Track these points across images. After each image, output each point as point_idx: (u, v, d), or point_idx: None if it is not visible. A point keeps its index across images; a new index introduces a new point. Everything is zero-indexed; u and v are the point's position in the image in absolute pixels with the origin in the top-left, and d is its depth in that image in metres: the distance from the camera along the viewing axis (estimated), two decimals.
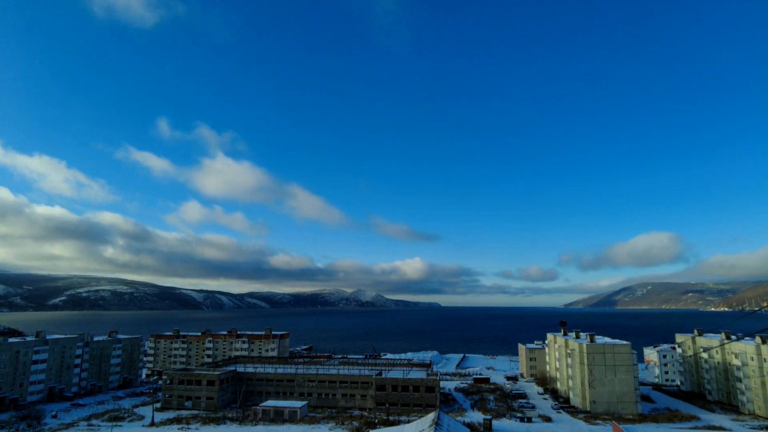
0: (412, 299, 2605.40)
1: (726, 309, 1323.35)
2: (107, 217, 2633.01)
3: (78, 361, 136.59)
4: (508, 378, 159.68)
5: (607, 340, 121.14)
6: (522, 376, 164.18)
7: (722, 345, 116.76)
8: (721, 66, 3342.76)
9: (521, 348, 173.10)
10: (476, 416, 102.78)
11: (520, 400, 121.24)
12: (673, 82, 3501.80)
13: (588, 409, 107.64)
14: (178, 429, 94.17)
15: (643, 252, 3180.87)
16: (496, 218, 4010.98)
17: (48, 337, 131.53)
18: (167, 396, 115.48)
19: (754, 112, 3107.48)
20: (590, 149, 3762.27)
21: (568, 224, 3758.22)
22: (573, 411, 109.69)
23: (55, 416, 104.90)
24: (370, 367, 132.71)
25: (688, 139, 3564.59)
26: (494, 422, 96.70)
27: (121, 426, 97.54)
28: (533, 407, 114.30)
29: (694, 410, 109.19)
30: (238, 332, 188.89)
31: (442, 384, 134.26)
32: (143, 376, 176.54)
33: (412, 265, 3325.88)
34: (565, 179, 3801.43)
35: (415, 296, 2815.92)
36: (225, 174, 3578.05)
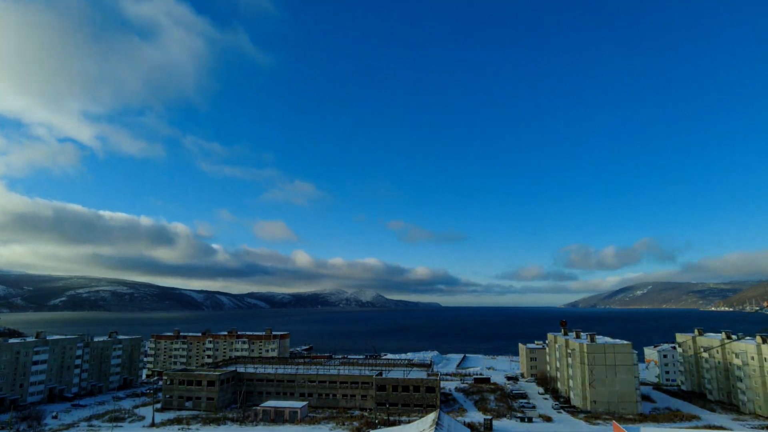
0: (412, 299, 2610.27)
1: (726, 309, 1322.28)
2: None
3: (78, 361, 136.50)
4: (509, 378, 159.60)
5: (608, 339, 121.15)
6: (522, 376, 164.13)
7: (723, 345, 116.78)
8: (721, 66, 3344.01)
9: (522, 348, 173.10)
10: (477, 416, 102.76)
11: (521, 400, 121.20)
12: (674, 81, 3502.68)
13: (588, 408, 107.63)
14: (179, 429, 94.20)
15: (644, 251, 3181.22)
16: (496, 218, 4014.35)
17: (48, 337, 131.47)
18: (167, 396, 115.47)
19: (755, 111, 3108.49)
20: (590, 148, 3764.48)
21: (568, 224, 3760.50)
22: (573, 411, 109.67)
23: (55, 417, 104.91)
24: (370, 368, 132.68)
25: (687, 139, 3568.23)
26: (495, 422, 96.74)
27: (121, 426, 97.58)
28: (534, 407, 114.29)
29: (694, 410, 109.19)
30: (239, 332, 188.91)
31: (443, 384, 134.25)
32: (143, 376, 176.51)
33: (367, 264, 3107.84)
34: (565, 179, 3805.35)
35: (415, 296, 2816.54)
36: None
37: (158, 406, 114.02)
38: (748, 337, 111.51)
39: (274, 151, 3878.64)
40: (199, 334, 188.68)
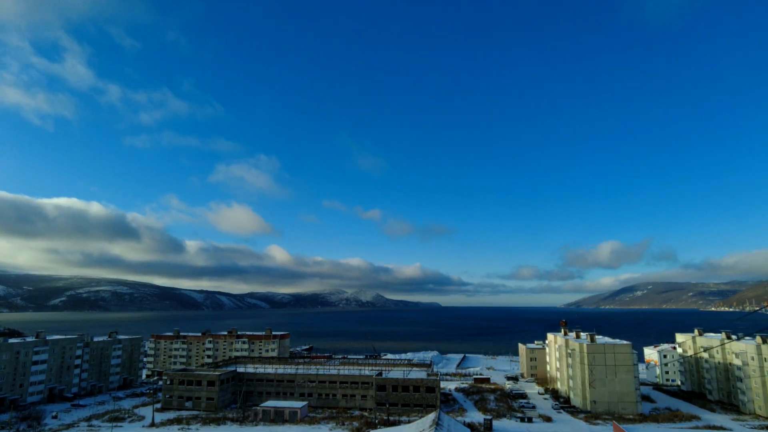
0: (412, 299, 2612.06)
1: (726, 309, 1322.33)
2: None
3: (78, 361, 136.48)
4: (509, 378, 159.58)
5: (608, 340, 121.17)
6: (522, 376, 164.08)
7: (723, 345, 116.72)
8: (722, 66, 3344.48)
9: (521, 348, 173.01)
10: (477, 416, 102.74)
11: (521, 400, 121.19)
12: (674, 81, 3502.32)
13: (588, 409, 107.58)
14: (179, 429, 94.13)
15: (644, 251, 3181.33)
16: (495, 218, 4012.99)
17: (48, 337, 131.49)
18: (167, 396, 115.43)
19: (753, 112, 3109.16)
20: (590, 148, 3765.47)
21: (568, 224, 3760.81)
22: (573, 411, 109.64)
23: (55, 417, 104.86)
24: (370, 368, 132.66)
25: (687, 139, 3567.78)
26: (495, 422, 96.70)
27: (121, 426, 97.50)
28: (533, 407, 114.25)
29: (694, 410, 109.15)
30: (238, 332, 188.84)
31: (443, 384, 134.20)
32: (143, 376, 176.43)
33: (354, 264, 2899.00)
34: (565, 178, 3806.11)
35: (415, 296, 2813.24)
36: None
37: (158, 406, 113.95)
38: (748, 337, 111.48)
39: (222, 103, 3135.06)
40: (199, 334, 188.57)
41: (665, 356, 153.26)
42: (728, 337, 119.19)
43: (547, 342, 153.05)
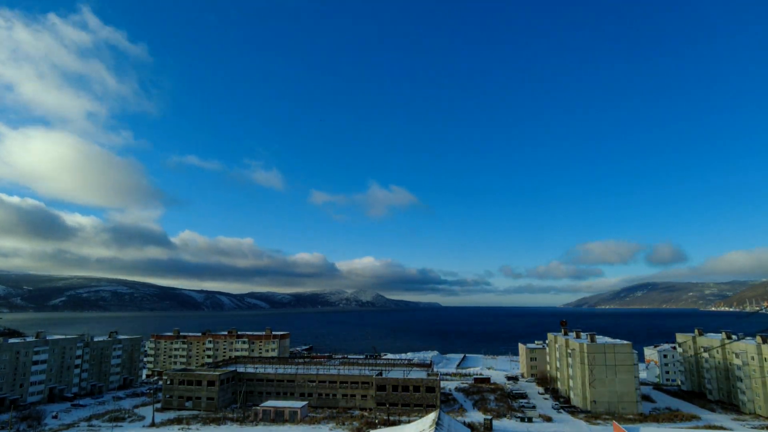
0: (412, 299, 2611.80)
1: (726, 309, 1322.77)
2: None
3: (78, 361, 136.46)
4: (509, 378, 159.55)
5: (608, 339, 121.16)
6: (522, 376, 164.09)
7: (723, 345, 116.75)
8: (723, 66, 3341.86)
9: (522, 348, 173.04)
10: (477, 416, 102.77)
11: (521, 400, 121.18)
12: (676, 81, 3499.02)
13: (589, 408, 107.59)
14: (179, 429, 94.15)
15: (643, 251, 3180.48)
16: (496, 216, 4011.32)
17: (48, 337, 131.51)
18: (167, 396, 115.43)
19: (753, 112, 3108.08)
20: (587, 146, 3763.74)
21: (567, 223, 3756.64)
22: (573, 411, 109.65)
23: (55, 417, 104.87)
24: (370, 367, 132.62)
25: (687, 138, 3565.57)
26: (495, 422, 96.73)
27: (121, 426, 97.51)
28: (534, 407, 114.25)
29: (694, 410, 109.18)
30: (239, 332, 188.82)
31: (443, 384, 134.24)
32: (143, 376, 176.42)
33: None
34: (564, 178, 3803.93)
35: (416, 296, 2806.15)
36: None
37: (158, 406, 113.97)
38: (748, 337, 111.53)
39: None
40: (199, 334, 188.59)
41: (665, 356, 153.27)
42: (728, 337, 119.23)
43: (547, 342, 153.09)
